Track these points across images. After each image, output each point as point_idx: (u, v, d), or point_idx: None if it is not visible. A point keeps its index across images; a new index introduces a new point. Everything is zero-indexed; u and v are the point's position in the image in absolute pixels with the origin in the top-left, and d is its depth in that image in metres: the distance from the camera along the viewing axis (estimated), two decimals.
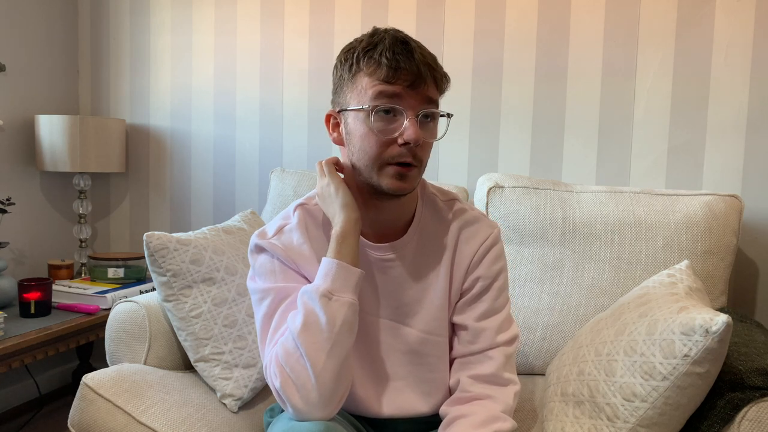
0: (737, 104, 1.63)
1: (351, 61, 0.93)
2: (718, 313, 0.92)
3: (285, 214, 1.04)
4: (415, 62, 0.90)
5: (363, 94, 0.91)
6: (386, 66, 0.89)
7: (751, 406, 0.94)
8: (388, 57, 0.89)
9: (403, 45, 0.91)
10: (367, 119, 0.91)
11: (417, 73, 0.90)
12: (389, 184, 0.93)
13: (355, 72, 0.92)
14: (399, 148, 0.91)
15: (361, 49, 0.92)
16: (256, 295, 0.98)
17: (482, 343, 1.00)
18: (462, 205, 1.07)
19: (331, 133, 1.00)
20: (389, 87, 0.90)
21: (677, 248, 1.42)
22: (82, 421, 1.13)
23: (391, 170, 0.92)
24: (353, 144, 0.94)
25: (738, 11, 1.61)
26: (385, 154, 0.92)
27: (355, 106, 0.92)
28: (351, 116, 0.94)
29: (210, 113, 2.19)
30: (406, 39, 0.92)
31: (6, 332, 1.68)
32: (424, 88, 0.91)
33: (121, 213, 2.36)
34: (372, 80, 0.90)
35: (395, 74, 0.89)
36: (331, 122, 0.99)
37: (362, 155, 0.93)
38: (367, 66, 0.91)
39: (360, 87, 0.92)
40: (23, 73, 2.14)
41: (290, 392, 0.88)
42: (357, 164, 0.95)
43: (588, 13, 1.74)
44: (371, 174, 0.93)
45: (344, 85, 0.95)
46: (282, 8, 2.07)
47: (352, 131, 0.94)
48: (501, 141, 1.85)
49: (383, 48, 0.90)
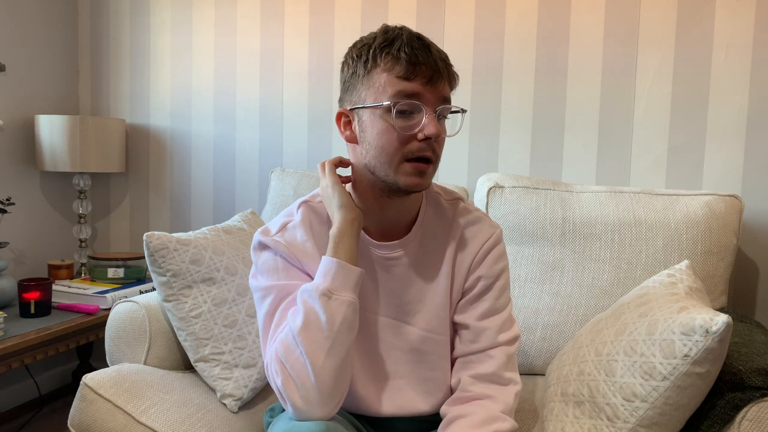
0: (737, 104, 1.63)
1: (366, 57, 0.91)
2: (718, 313, 0.92)
3: (288, 211, 1.04)
4: (433, 57, 0.89)
5: (381, 90, 0.90)
6: (405, 61, 0.88)
7: (751, 406, 0.94)
8: (406, 52, 0.88)
9: (420, 41, 0.90)
10: (385, 115, 0.90)
11: (435, 69, 0.89)
12: (407, 182, 0.92)
13: (371, 68, 0.91)
14: (419, 143, 0.90)
15: (377, 46, 0.91)
16: (258, 293, 0.98)
17: (483, 342, 1.00)
18: (465, 205, 1.07)
19: (342, 131, 0.97)
20: (409, 83, 0.89)
21: (677, 248, 1.42)
22: (82, 421, 1.13)
23: (409, 167, 0.91)
24: (368, 142, 0.93)
25: (738, 11, 1.61)
26: (404, 150, 0.91)
27: (372, 103, 0.91)
28: (367, 113, 0.92)
29: (210, 113, 2.19)
30: (421, 35, 0.92)
31: (6, 332, 1.68)
32: (441, 84, 0.91)
33: (121, 213, 2.36)
34: (390, 76, 0.89)
35: (414, 69, 0.88)
36: (343, 120, 0.97)
37: (379, 152, 0.92)
38: (385, 62, 0.90)
39: (378, 84, 0.90)
40: (23, 73, 2.14)
41: (291, 390, 0.88)
42: (372, 162, 0.93)
43: (588, 13, 1.74)
44: (388, 171, 0.92)
45: (358, 82, 0.93)
46: (282, 8, 2.07)
47: (368, 128, 0.92)
48: (501, 141, 1.85)
49: (401, 43, 0.89)
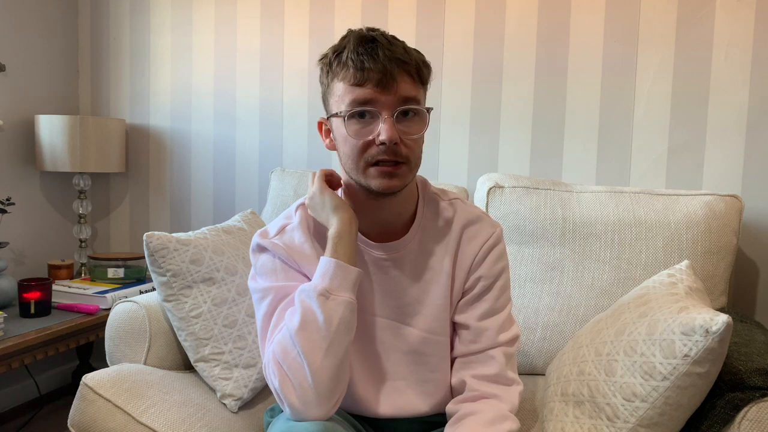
0: (737, 104, 1.63)
1: (327, 68, 0.94)
2: (718, 313, 0.92)
3: (287, 213, 1.05)
4: (380, 61, 0.88)
5: (340, 99, 0.91)
6: (353, 68, 0.89)
7: (751, 406, 0.94)
8: (353, 59, 0.89)
9: (367, 44, 0.89)
10: (345, 124, 0.91)
11: (384, 71, 0.88)
12: (377, 185, 0.92)
13: (332, 78, 0.93)
14: (377, 147, 0.90)
15: (331, 53, 0.93)
16: (256, 294, 0.99)
17: (483, 342, 1.00)
18: (464, 205, 1.06)
19: (324, 139, 1.00)
20: (360, 90, 0.89)
21: (677, 248, 1.42)
22: (82, 421, 1.13)
23: (374, 171, 0.92)
24: (340, 149, 0.96)
25: (738, 11, 1.61)
26: (366, 155, 0.91)
27: (335, 111, 0.93)
28: (335, 122, 0.94)
29: (210, 113, 2.19)
30: (373, 37, 0.90)
31: (6, 332, 1.67)
32: (395, 85, 0.89)
33: (121, 213, 2.35)
34: (345, 85, 0.90)
35: (363, 75, 0.88)
36: (323, 129, 1.00)
37: (347, 159, 0.94)
38: (337, 70, 0.91)
39: (337, 93, 0.92)
40: (23, 73, 2.14)
41: (288, 391, 0.88)
42: (346, 167, 0.96)
43: (588, 13, 1.74)
44: (359, 176, 0.94)
45: (326, 92, 0.95)
46: (282, 8, 2.07)
47: (337, 136, 0.95)
48: (501, 141, 1.85)
49: (348, 50, 0.90)
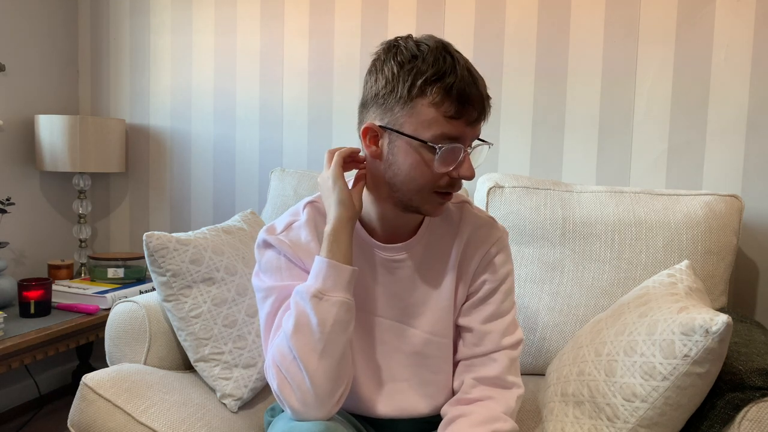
0: (737, 104, 1.63)
1: (412, 82, 0.86)
2: (718, 313, 0.92)
3: (294, 210, 1.04)
4: (479, 97, 0.87)
5: (424, 125, 0.87)
6: (456, 101, 0.86)
7: (751, 406, 0.94)
8: (459, 89, 0.85)
9: (470, 74, 0.87)
10: (423, 151, 0.88)
11: (482, 110, 0.89)
12: (430, 210, 0.94)
13: (416, 96, 0.86)
14: (450, 179, 0.91)
15: (429, 76, 0.85)
16: (260, 293, 0.98)
17: (487, 345, 1.00)
18: (472, 209, 1.06)
19: (368, 145, 0.92)
20: (455, 124, 0.86)
21: (677, 248, 1.42)
22: (82, 421, 1.13)
23: (436, 199, 0.93)
24: (398, 166, 0.91)
25: (738, 11, 1.61)
26: (436, 183, 0.91)
27: (411, 134, 0.88)
28: (402, 140, 0.89)
29: (210, 113, 2.19)
30: (470, 66, 0.89)
31: (6, 332, 1.68)
32: (482, 122, 0.90)
33: (121, 213, 2.35)
34: (438, 114, 0.86)
35: (463, 110, 0.86)
36: (369, 135, 0.92)
37: (409, 180, 0.91)
38: (434, 95, 0.86)
39: (422, 117, 0.87)
40: (23, 73, 2.14)
41: (287, 393, 0.88)
42: (398, 185, 0.92)
43: (588, 13, 1.74)
44: (413, 197, 0.92)
45: (396, 105, 0.88)
46: (282, 9, 2.07)
47: (400, 155, 0.90)
48: (501, 141, 1.85)
49: (455, 79, 0.85)
